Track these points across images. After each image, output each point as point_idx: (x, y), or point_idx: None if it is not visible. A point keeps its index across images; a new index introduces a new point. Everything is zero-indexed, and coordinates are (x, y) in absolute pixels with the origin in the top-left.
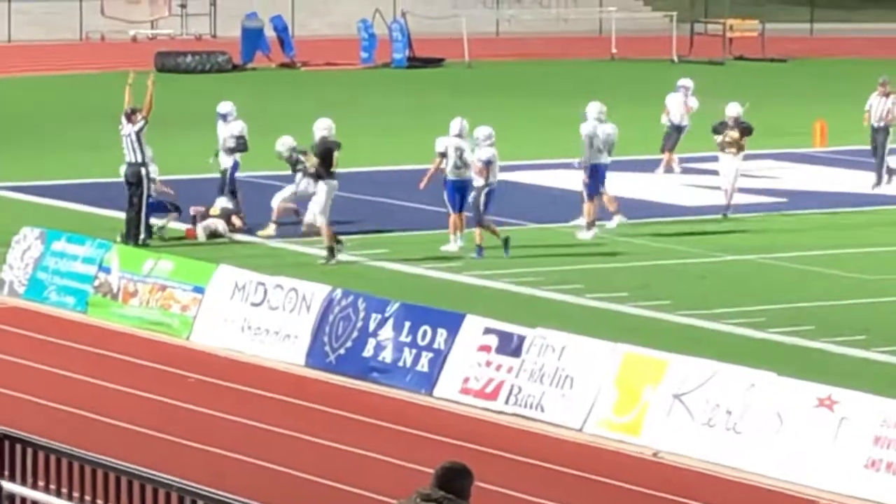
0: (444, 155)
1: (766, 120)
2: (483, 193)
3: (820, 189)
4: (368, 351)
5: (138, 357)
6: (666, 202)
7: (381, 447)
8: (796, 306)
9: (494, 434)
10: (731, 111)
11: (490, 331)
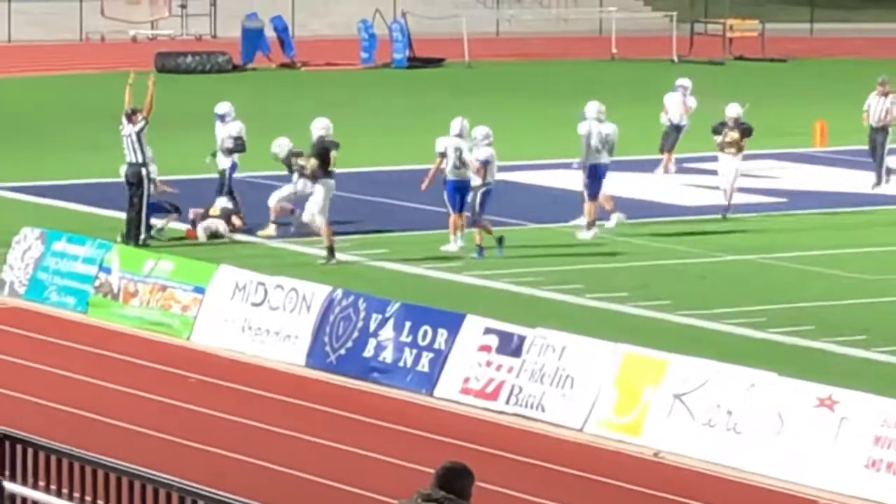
0: (444, 155)
1: (767, 120)
2: (480, 193)
3: (820, 189)
4: (369, 351)
5: (139, 357)
6: (666, 202)
7: (382, 447)
8: (796, 306)
9: (495, 434)
10: (731, 112)
11: (490, 331)
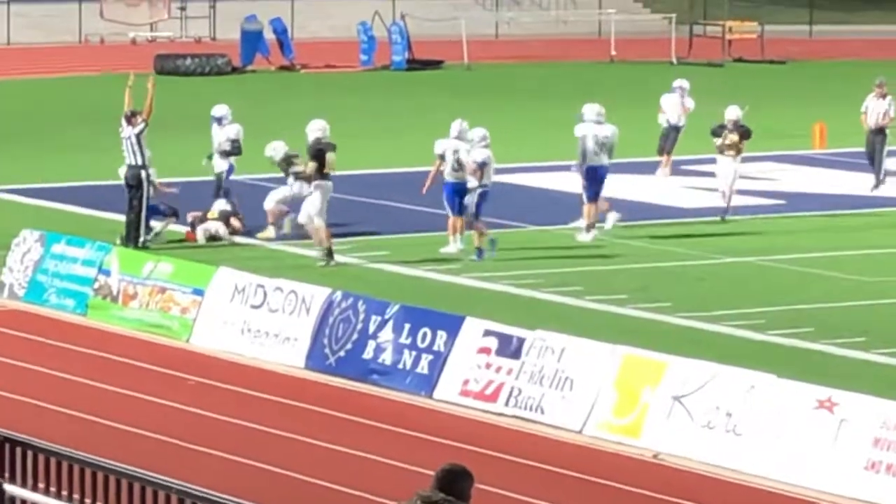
0: (443, 157)
1: (766, 122)
2: (476, 195)
3: (819, 191)
4: (368, 353)
5: (138, 359)
6: (665, 204)
7: (381, 449)
8: (796, 308)
9: (494, 436)
10: (731, 114)
11: (490, 333)
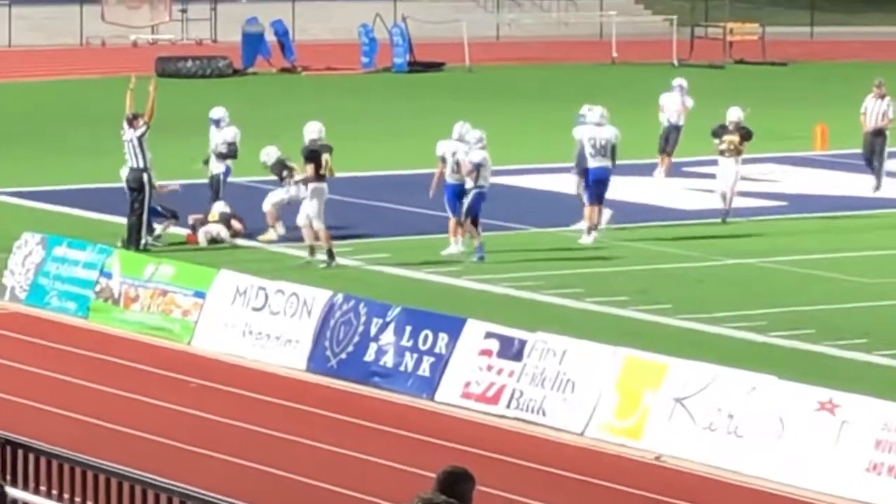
0: (444, 159)
1: (767, 123)
2: (472, 195)
3: (820, 192)
4: (370, 355)
5: (139, 362)
6: (666, 206)
7: (383, 452)
8: (797, 310)
9: (496, 438)
10: (732, 115)
11: (491, 335)
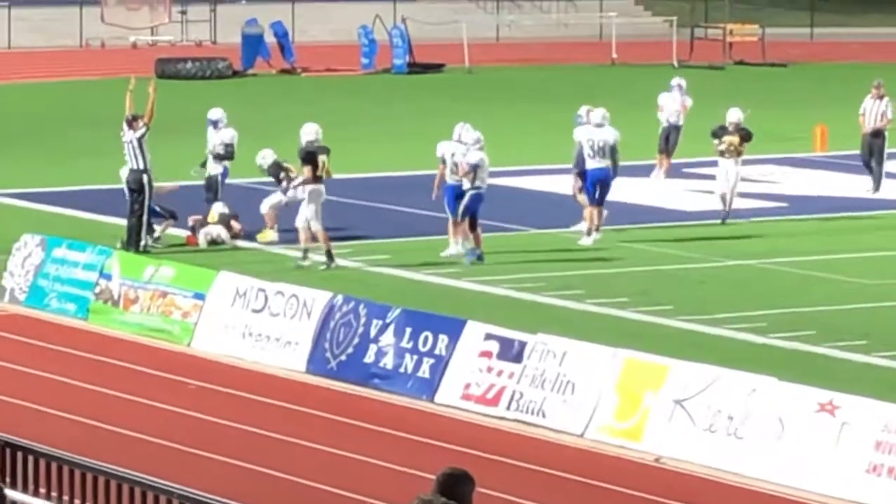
0: (444, 160)
1: (767, 124)
2: (469, 196)
3: (820, 194)
4: (369, 357)
5: (139, 364)
6: (666, 207)
7: (383, 453)
8: (797, 311)
9: (496, 440)
10: (732, 116)
11: (491, 336)
